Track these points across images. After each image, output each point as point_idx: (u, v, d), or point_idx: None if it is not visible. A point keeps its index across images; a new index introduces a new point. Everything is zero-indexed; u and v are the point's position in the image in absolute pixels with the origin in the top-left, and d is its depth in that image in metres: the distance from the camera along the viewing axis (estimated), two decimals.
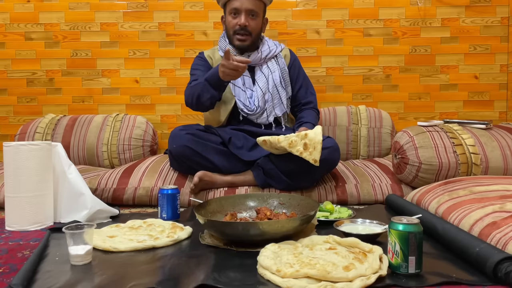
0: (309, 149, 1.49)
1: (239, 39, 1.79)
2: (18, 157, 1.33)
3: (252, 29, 1.79)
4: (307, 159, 1.49)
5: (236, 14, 1.78)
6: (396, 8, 2.47)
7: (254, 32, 1.80)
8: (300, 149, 1.50)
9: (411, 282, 0.84)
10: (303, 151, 1.49)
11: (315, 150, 1.48)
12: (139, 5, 2.50)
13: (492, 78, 2.49)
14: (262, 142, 1.58)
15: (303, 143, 1.50)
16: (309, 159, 1.49)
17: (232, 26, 1.80)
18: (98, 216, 1.39)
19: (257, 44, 1.87)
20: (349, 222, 1.22)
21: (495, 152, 1.60)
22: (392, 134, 2.29)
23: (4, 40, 2.52)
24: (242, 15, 1.76)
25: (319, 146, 1.49)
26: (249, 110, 1.81)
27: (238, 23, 1.77)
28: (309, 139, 1.50)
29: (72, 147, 2.24)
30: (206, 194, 1.65)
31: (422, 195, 1.45)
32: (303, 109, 1.90)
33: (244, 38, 1.79)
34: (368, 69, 2.50)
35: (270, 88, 1.83)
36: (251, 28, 1.78)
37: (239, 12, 1.77)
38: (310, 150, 1.49)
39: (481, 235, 1.02)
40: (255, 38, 1.83)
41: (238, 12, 1.78)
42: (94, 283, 0.86)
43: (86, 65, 2.53)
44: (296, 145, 1.51)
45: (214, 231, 1.12)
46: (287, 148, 1.51)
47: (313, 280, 0.82)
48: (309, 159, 1.49)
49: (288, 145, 1.51)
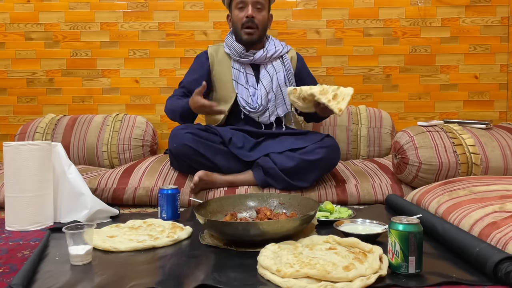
0: (338, 98, 1.52)
1: (247, 33, 1.80)
2: (18, 157, 1.32)
3: (259, 21, 1.80)
4: (332, 108, 1.51)
5: (243, 7, 1.80)
6: (396, 8, 2.47)
7: (260, 25, 1.81)
8: (329, 98, 1.53)
9: (411, 282, 0.84)
10: (332, 100, 1.52)
11: (343, 101, 1.51)
12: (139, 5, 2.50)
13: (492, 78, 2.49)
14: (292, 90, 1.63)
15: (333, 94, 1.53)
16: (334, 108, 1.50)
17: (239, 19, 1.81)
18: (98, 216, 1.39)
19: (263, 40, 1.87)
20: (349, 222, 1.22)
21: (495, 152, 1.60)
22: (392, 134, 2.29)
23: (4, 40, 2.52)
24: (248, 6, 1.78)
25: (348, 98, 1.52)
26: (251, 107, 1.81)
27: (245, 15, 1.79)
28: (340, 91, 1.54)
29: (72, 147, 2.24)
30: (206, 194, 1.65)
31: (422, 195, 1.45)
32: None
33: (252, 31, 1.80)
34: (368, 69, 2.50)
35: (274, 87, 1.83)
36: (257, 21, 1.80)
37: (246, 5, 1.79)
38: (338, 100, 1.52)
39: (481, 235, 1.02)
40: (262, 33, 1.84)
41: (245, 5, 1.80)
42: (94, 283, 0.86)
43: (86, 65, 2.53)
44: (327, 93, 1.54)
45: (214, 231, 1.12)
46: (317, 95, 1.54)
47: (313, 280, 0.82)
48: (335, 107, 1.51)
49: (320, 92, 1.54)
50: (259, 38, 1.83)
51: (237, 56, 1.84)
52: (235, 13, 1.83)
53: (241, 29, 1.81)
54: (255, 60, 1.83)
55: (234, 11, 1.83)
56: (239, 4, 1.80)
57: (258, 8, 1.80)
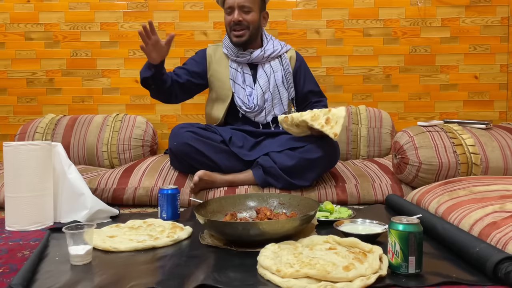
0: (331, 123, 1.51)
1: (235, 35, 1.81)
2: (18, 157, 1.32)
3: (249, 22, 1.80)
4: (327, 133, 1.50)
5: (231, 12, 1.81)
6: (396, 8, 2.47)
7: (251, 25, 1.81)
8: (322, 123, 1.52)
9: (411, 282, 0.84)
10: (325, 125, 1.51)
11: (337, 125, 1.50)
12: (139, 5, 2.50)
13: (492, 78, 2.49)
14: (283, 119, 1.61)
15: (326, 118, 1.52)
16: (330, 133, 1.50)
17: (227, 23, 1.83)
18: (98, 216, 1.39)
19: (257, 38, 1.87)
20: (349, 222, 1.22)
21: (495, 152, 1.60)
22: (392, 134, 2.29)
23: (4, 40, 2.52)
24: (235, 11, 1.79)
25: (341, 121, 1.50)
26: (247, 107, 1.81)
27: (232, 20, 1.79)
28: (332, 113, 1.52)
29: (72, 147, 2.24)
30: (206, 194, 1.65)
31: (422, 195, 1.45)
32: (314, 106, 1.91)
33: (241, 33, 1.80)
34: (368, 69, 2.50)
35: (271, 87, 1.83)
36: (247, 22, 1.79)
37: (233, 10, 1.80)
38: (331, 124, 1.51)
39: (481, 235, 1.02)
40: (254, 32, 1.83)
41: (232, 10, 1.80)
42: (94, 283, 0.86)
43: (86, 65, 2.53)
44: (318, 118, 1.53)
45: (214, 231, 1.12)
46: (309, 121, 1.53)
47: (313, 280, 0.82)
48: (330, 133, 1.50)
49: (311, 118, 1.53)
50: (250, 38, 1.82)
51: (234, 56, 1.85)
52: (225, 17, 1.85)
53: (230, 32, 1.82)
54: (252, 59, 1.83)
55: (225, 15, 1.85)
56: (227, 10, 1.82)
57: (245, 11, 1.80)
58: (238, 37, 1.80)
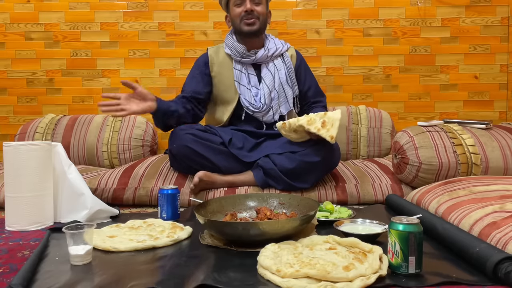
0: (327, 126, 1.52)
1: (247, 23, 1.77)
2: (18, 157, 1.32)
3: (259, 13, 1.79)
4: (324, 136, 1.51)
5: (240, 4, 1.79)
6: (396, 8, 2.48)
7: (261, 16, 1.80)
8: (318, 126, 1.53)
9: (411, 282, 0.84)
10: (321, 128, 1.52)
11: (333, 127, 1.52)
12: (139, 5, 2.50)
13: (492, 78, 2.49)
14: (281, 125, 1.62)
15: (322, 121, 1.53)
16: (326, 136, 1.51)
17: (237, 14, 1.79)
18: (98, 216, 1.39)
19: (263, 33, 1.86)
20: (349, 222, 1.22)
21: (495, 152, 1.60)
22: (392, 134, 2.29)
23: (4, 40, 2.52)
24: (246, 1, 1.77)
25: (337, 123, 1.52)
26: (255, 108, 1.80)
27: (243, 10, 1.77)
28: (327, 117, 1.54)
29: (72, 147, 2.24)
30: (206, 194, 1.65)
31: (422, 195, 1.45)
32: (313, 107, 1.91)
33: (252, 21, 1.77)
34: (368, 69, 2.50)
35: (277, 86, 1.83)
36: (257, 12, 1.78)
37: (244, 1, 1.78)
38: (327, 127, 1.52)
39: (481, 235, 1.02)
40: (263, 25, 1.81)
41: (242, 1, 1.78)
42: (94, 283, 0.86)
43: (86, 65, 2.53)
44: (315, 122, 1.54)
45: (214, 231, 1.12)
46: (306, 125, 1.54)
47: (313, 280, 0.82)
48: (326, 136, 1.51)
49: (307, 122, 1.54)
50: (259, 29, 1.80)
51: (238, 57, 1.83)
52: (234, 10, 1.81)
53: (241, 22, 1.78)
54: (257, 59, 1.83)
55: (233, 9, 1.81)
56: (236, 1, 1.79)
57: (256, 3, 1.79)
58: (249, 25, 1.77)
